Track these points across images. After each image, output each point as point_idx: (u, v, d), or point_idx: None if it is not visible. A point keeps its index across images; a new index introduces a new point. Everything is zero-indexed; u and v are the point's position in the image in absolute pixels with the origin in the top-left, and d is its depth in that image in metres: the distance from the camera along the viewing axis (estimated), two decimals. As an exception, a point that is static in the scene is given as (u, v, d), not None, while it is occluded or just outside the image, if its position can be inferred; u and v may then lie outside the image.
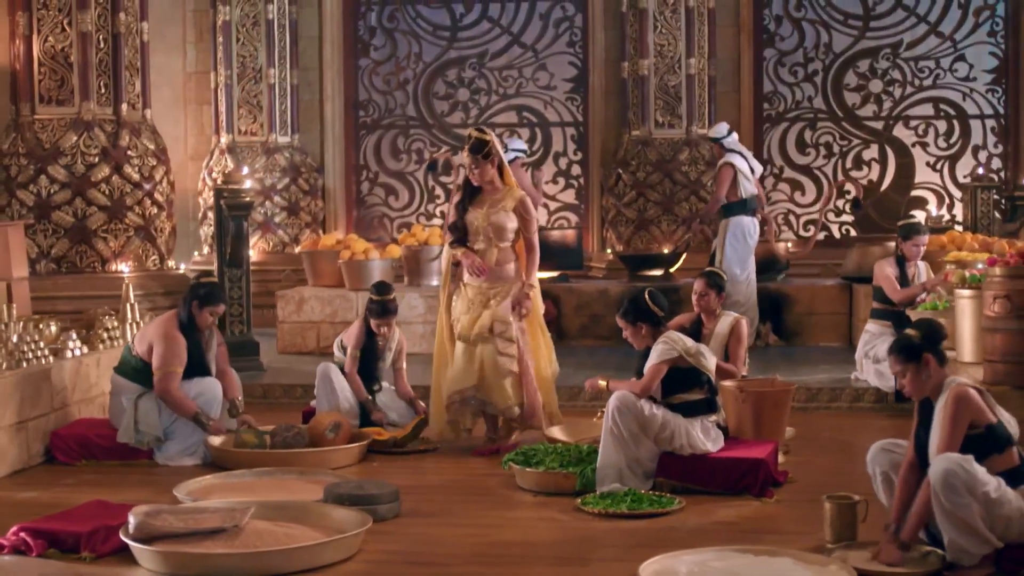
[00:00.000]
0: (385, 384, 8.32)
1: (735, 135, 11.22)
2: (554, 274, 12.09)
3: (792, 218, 13.90)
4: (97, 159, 10.06)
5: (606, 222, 13.48)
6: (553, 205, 14.13)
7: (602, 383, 6.93)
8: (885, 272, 8.90)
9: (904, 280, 8.89)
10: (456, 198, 7.69)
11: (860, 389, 8.95)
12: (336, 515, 5.88)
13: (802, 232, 13.92)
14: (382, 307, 8.06)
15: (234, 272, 10.12)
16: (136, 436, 7.53)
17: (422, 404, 8.13)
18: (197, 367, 7.63)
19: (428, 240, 11.67)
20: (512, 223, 7.46)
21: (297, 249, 13.26)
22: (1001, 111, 13.67)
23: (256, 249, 13.61)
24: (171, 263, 10.64)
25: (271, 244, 13.69)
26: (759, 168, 11.49)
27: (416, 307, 11.12)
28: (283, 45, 13.88)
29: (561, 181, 14.16)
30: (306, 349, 11.20)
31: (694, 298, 7.96)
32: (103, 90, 10.18)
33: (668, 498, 6.37)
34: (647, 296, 6.87)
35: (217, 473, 7.05)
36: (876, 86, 13.84)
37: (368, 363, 8.15)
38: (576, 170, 14.15)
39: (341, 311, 11.21)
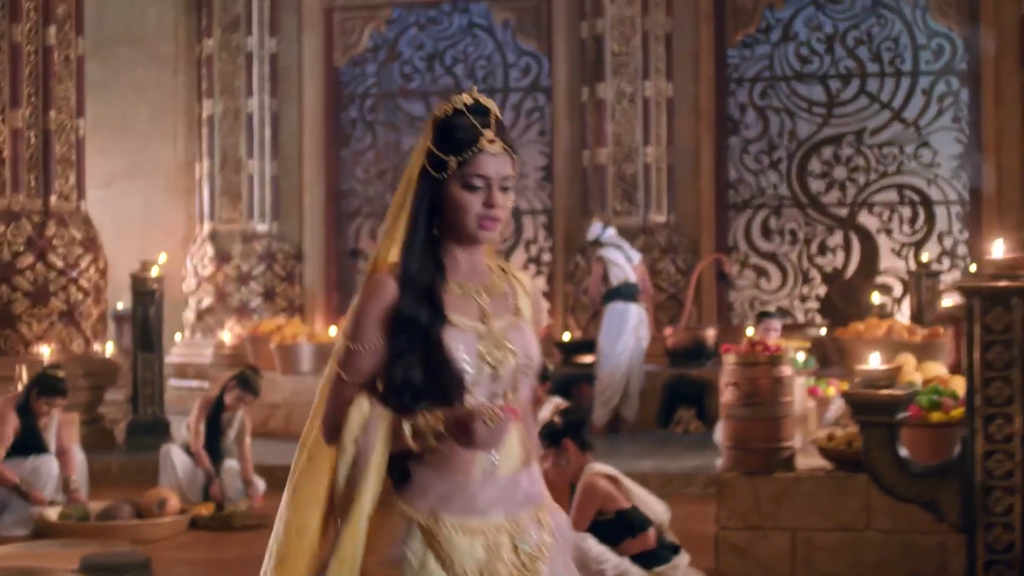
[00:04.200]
0: (233, 462, 8.70)
1: (611, 230, 11.76)
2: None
3: (758, 304, 13.95)
4: (23, 248, 10.67)
5: (567, 308, 13.73)
6: (525, 291, 14.40)
7: None
8: (734, 359, 9.04)
9: (757, 366, 9.00)
10: (385, 296, 2.90)
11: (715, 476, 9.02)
12: (72, 584, 6.26)
13: (767, 319, 13.93)
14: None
15: (146, 355, 10.64)
16: (-26, 507, 8.07)
17: (258, 488, 8.53)
18: (32, 445, 8.15)
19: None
20: (537, 346, 3.12)
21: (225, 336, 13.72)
22: (966, 197, 13.58)
23: (232, 333, 14.13)
24: (98, 347, 11.16)
25: (247, 329, 14.19)
26: (636, 256, 11.80)
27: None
28: (263, 137, 14.47)
29: (532, 268, 14.45)
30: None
31: None
32: (33, 183, 10.82)
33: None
34: None
35: (19, 543, 7.53)
36: (840, 173, 13.88)
37: (211, 438, 8.57)
38: (547, 257, 14.43)
39: (267, 394, 11.60)
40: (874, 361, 4.83)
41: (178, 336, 14.50)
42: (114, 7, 14.67)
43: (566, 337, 13.25)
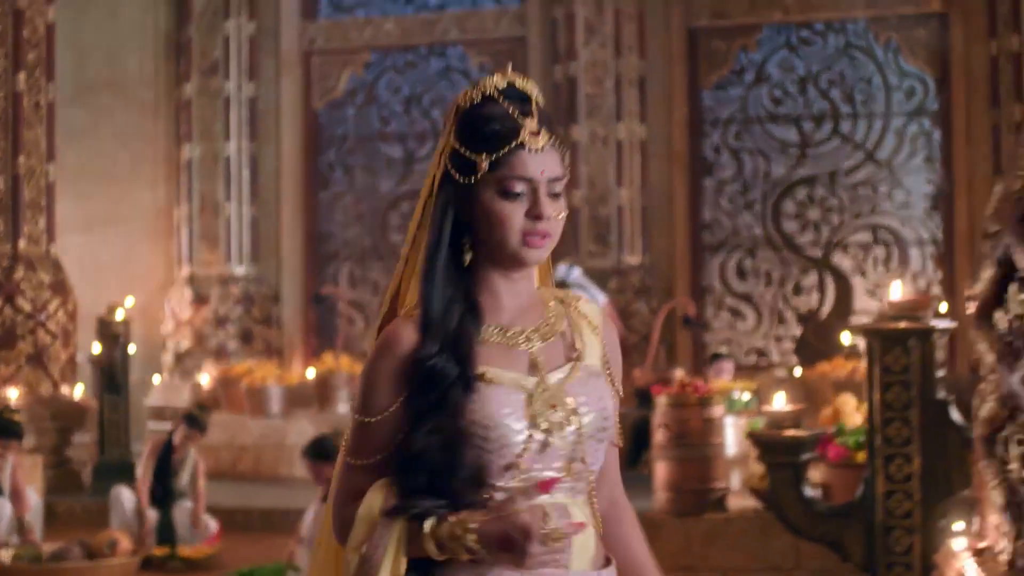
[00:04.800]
0: (187, 503, 8.75)
1: (576, 270, 11.69)
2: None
3: (734, 345, 13.97)
4: (-10, 291, 10.78)
5: (543, 349, 13.75)
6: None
7: None
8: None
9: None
10: (400, 347, 2.23)
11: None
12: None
13: (743, 359, 13.97)
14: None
15: (113, 398, 10.72)
16: (-70, 549, 8.12)
17: (209, 528, 8.58)
18: (-15, 487, 8.21)
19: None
20: (612, 399, 2.34)
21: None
22: (939, 237, 13.62)
23: (210, 376, 14.17)
24: (66, 390, 11.21)
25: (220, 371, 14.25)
26: (602, 297, 11.81)
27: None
28: (240, 180, 14.58)
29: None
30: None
31: None
32: (2, 227, 10.92)
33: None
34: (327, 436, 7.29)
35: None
36: (815, 213, 13.93)
37: (163, 478, 8.63)
38: (524, 298, 14.45)
39: (236, 436, 11.67)
40: (778, 402, 4.86)
41: (157, 379, 14.54)
42: (96, 54, 14.82)
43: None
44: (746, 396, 8.26)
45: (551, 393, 2.21)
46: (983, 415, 3.55)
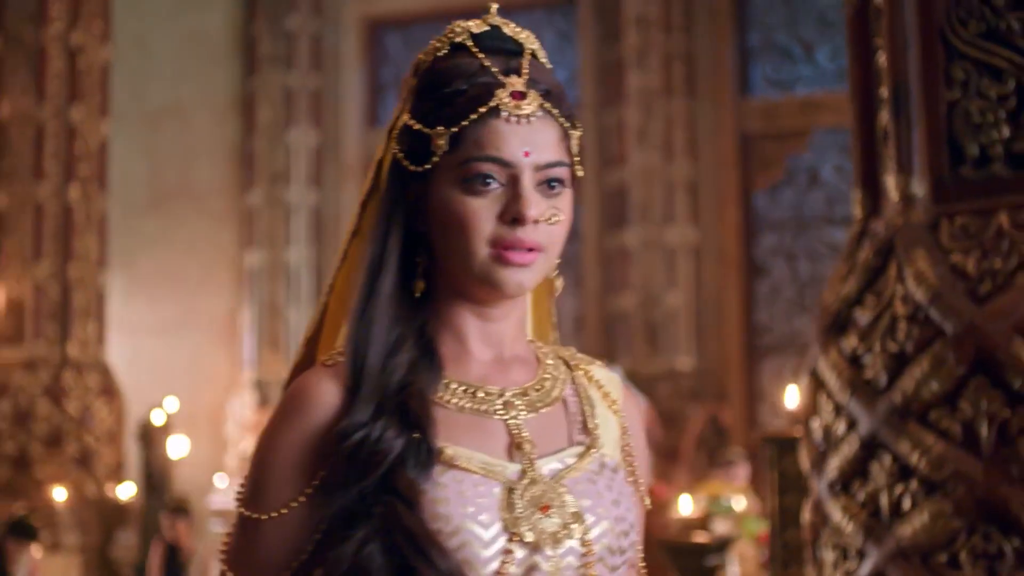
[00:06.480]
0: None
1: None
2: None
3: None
4: (39, 394, 11.14)
5: (595, 453, 13.76)
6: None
7: None
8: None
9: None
10: (312, 412, 1.61)
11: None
12: None
13: (800, 463, 13.81)
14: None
15: (153, 498, 11.03)
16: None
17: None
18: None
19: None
20: (638, 506, 1.61)
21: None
22: (998, 340, 13.38)
23: (271, 477, 14.41)
24: (111, 491, 11.51)
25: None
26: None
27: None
28: (303, 286, 14.93)
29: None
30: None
31: None
32: (52, 334, 11.32)
33: None
34: None
35: None
36: (870, 316, 13.78)
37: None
38: (580, 402, 14.50)
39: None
40: (684, 507, 4.88)
41: (221, 482, 14.81)
42: (170, 165, 15.36)
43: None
44: (740, 501, 8.19)
45: (542, 489, 1.48)
46: (804, 522, 3.58)
